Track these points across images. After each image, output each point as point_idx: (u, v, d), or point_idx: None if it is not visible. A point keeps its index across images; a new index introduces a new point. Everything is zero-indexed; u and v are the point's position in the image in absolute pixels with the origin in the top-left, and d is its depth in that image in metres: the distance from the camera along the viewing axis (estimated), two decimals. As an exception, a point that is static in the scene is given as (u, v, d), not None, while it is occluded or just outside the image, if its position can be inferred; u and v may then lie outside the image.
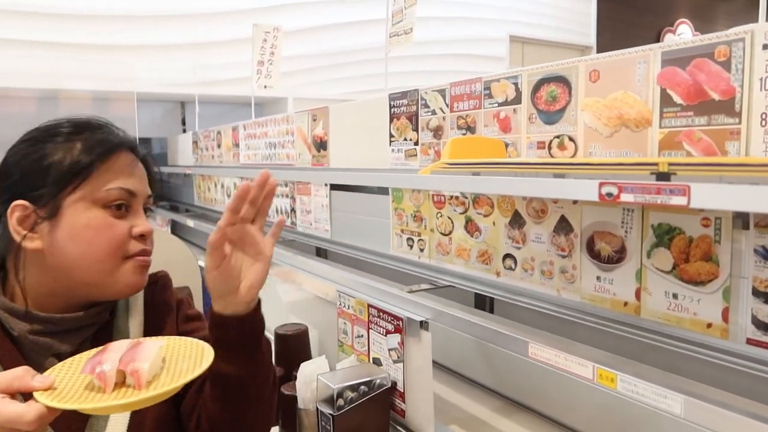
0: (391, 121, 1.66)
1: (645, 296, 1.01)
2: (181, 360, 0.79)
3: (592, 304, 1.11)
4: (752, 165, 0.66)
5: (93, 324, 0.97)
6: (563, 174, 0.86)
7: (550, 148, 1.17)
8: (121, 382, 0.72)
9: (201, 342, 0.84)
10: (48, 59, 3.75)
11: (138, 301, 1.07)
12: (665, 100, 0.94)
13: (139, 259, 0.94)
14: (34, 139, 0.93)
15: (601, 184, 0.77)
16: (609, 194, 0.76)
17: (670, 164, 0.71)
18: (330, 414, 1.14)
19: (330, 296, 1.54)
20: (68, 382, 0.73)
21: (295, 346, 1.55)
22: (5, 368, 0.89)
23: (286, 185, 2.33)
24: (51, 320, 0.91)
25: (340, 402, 1.16)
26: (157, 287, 1.10)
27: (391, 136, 1.66)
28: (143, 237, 0.95)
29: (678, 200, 0.67)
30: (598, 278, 1.09)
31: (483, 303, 1.45)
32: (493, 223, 1.32)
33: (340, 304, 1.44)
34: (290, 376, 1.44)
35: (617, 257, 1.05)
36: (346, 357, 1.43)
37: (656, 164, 0.72)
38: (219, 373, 0.90)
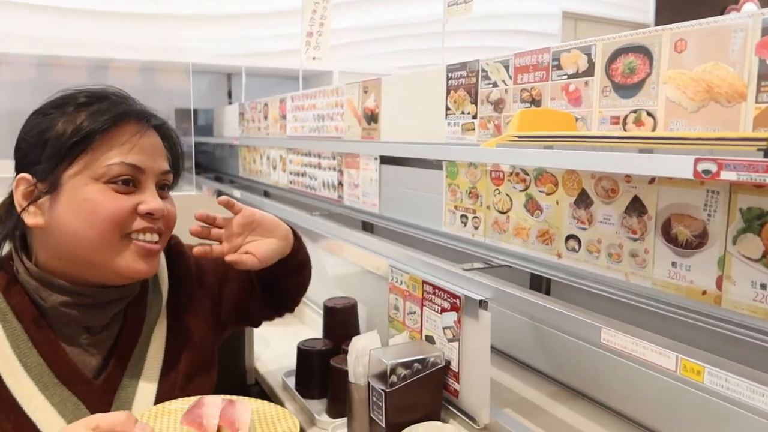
0: (447, 93, 1.60)
1: (727, 285, 0.94)
2: (270, 423, 0.83)
3: (664, 291, 1.05)
4: None
5: (124, 298, 0.95)
6: (650, 149, 0.80)
7: (625, 123, 1.10)
8: None
9: (287, 413, 0.87)
10: (99, 29, 3.76)
11: (163, 275, 1.07)
12: (764, 72, 0.87)
13: (139, 244, 0.89)
14: (44, 111, 0.90)
15: (697, 160, 0.70)
16: (706, 171, 0.69)
17: None
18: (382, 390, 1.11)
19: (381, 271, 1.51)
20: (165, 430, 0.76)
21: (344, 320, 1.52)
22: (35, 344, 0.88)
23: (334, 158, 2.30)
24: (84, 293, 0.89)
25: (393, 378, 1.13)
26: (173, 254, 1.10)
27: (448, 109, 1.60)
28: (151, 216, 0.89)
29: (792, 179, 0.61)
30: (673, 264, 1.03)
31: (539, 285, 1.40)
32: (557, 202, 1.26)
33: (392, 280, 1.41)
34: (338, 349, 1.42)
35: (697, 242, 0.98)
36: (396, 333, 1.39)
37: (765, 140, 0.66)
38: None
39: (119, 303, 0.95)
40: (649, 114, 1.06)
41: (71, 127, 0.86)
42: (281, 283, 1.18)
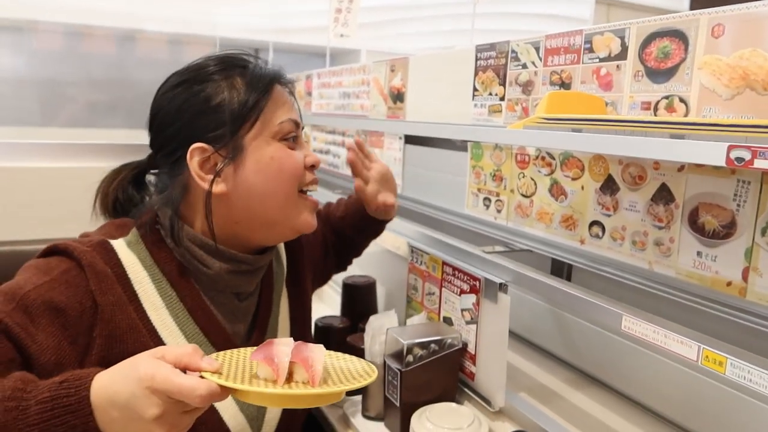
0: (476, 74, 1.58)
1: (754, 277, 0.92)
2: (343, 367, 0.76)
3: (688, 281, 1.03)
4: None
5: (267, 265, 1.01)
6: (681, 135, 0.78)
7: (656, 109, 1.08)
8: (289, 376, 0.70)
9: (363, 360, 0.80)
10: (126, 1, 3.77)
11: (281, 244, 1.14)
12: (804, 60, 0.84)
13: (311, 199, 0.96)
14: (187, 82, 0.90)
15: (730, 147, 0.68)
16: (739, 159, 0.68)
17: None
18: (398, 369, 1.12)
19: (401, 251, 1.51)
20: (233, 368, 0.71)
21: (363, 298, 1.53)
22: (189, 310, 0.89)
23: (359, 136, 2.29)
24: (245, 260, 0.93)
25: (410, 358, 1.13)
26: None
27: (475, 90, 1.58)
28: (314, 168, 0.96)
29: (829, 169, 0.59)
30: (698, 254, 1.01)
31: (560, 270, 1.38)
32: (582, 188, 1.25)
33: (412, 260, 1.41)
34: (355, 328, 1.43)
35: (724, 232, 0.96)
36: (414, 313, 1.39)
37: None
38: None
39: (263, 270, 1.00)
40: (681, 100, 1.03)
41: (238, 93, 0.88)
42: (358, 239, 1.31)
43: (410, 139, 1.93)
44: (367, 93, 2.24)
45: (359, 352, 1.24)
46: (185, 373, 0.64)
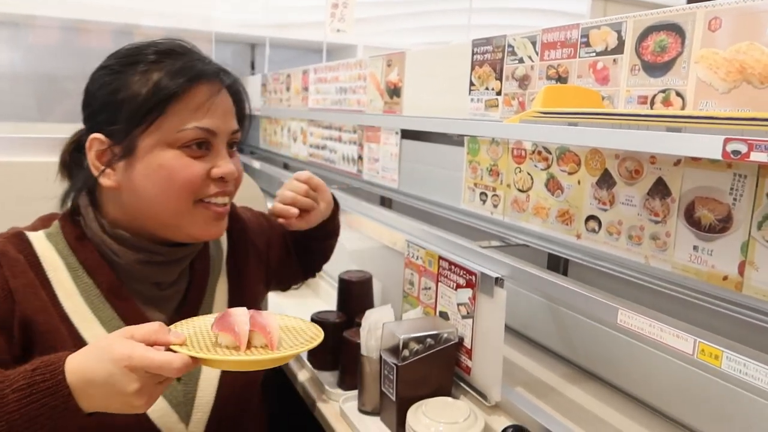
0: (472, 69, 1.58)
1: (750, 271, 0.92)
2: (294, 330, 0.84)
3: (684, 275, 1.03)
4: None
5: (191, 255, 0.98)
6: (678, 128, 0.78)
7: (652, 103, 1.08)
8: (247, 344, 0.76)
9: (311, 323, 0.88)
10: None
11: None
12: (801, 53, 0.84)
13: (212, 209, 0.90)
14: (112, 67, 0.88)
15: (726, 140, 0.68)
16: (735, 152, 0.67)
17: None
18: (394, 363, 1.12)
19: (397, 246, 1.50)
20: (195, 339, 0.76)
21: (359, 293, 1.52)
22: (106, 297, 0.89)
23: (355, 132, 2.29)
24: (158, 251, 0.91)
25: (405, 353, 1.13)
26: (230, 214, 1.10)
27: (472, 84, 1.58)
28: (223, 180, 0.90)
29: (825, 161, 0.59)
30: (695, 248, 1.01)
31: (557, 265, 1.38)
32: (578, 182, 1.24)
33: (409, 255, 1.40)
34: (352, 323, 1.43)
35: (720, 227, 0.96)
36: (410, 308, 1.39)
37: None
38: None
39: (187, 259, 0.98)
40: (678, 94, 1.03)
41: (145, 89, 0.84)
42: (313, 245, 1.26)
43: (407, 134, 1.92)
44: (364, 88, 2.24)
45: (356, 347, 1.24)
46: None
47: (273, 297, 1.86)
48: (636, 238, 1.12)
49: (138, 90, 0.84)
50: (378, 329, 1.19)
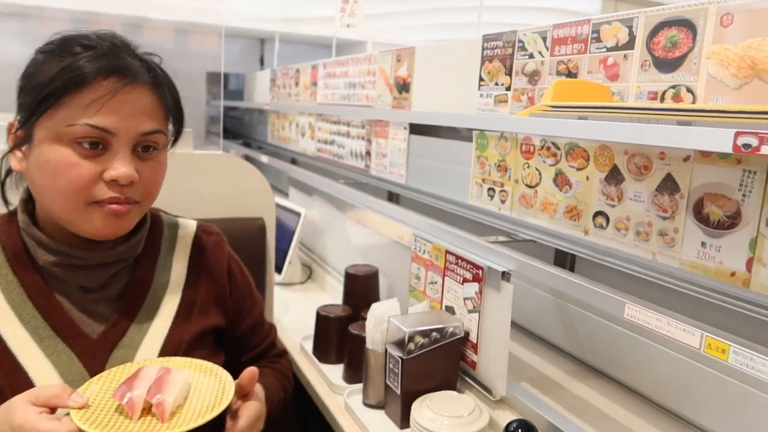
0: (482, 64, 1.58)
1: (758, 267, 0.92)
2: (204, 392, 0.84)
3: (692, 272, 1.02)
4: None
5: (120, 261, 0.92)
6: (689, 122, 0.78)
7: (663, 99, 1.07)
8: (147, 408, 0.78)
9: (225, 375, 0.87)
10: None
11: (185, 241, 1.04)
12: (813, 48, 0.83)
13: (105, 208, 0.83)
14: (41, 52, 0.86)
15: (737, 134, 0.68)
16: (746, 146, 0.67)
17: None
18: (400, 357, 1.12)
19: (404, 240, 1.50)
20: (100, 402, 0.79)
21: (365, 287, 1.53)
22: (30, 297, 0.88)
23: (363, 127, 2.29)
24: (75, 255, 0.87)
25: (411, 346, 1.13)
26: (210, 240, 1.06)
27: (481, 80, 1.57)
28: (118, 183, 0.83)
29: (837, 155, 0.58)
30: (703, 244, 1.00)
31: (563, 261, 1.38)
32: (587, 178, 1.24)
33: (415, 249, 1.40)
34: (357, 316, 1.43)
35: (729, 223, 0.96)
36: (416, 302, 1.39)
37: None
38: None
39: (115, 265, 0.92)
40: (688, 90, 1.02)
41: (48, 76, 0.80)
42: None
43: (415, 129, 1.92)
44: (373, 83, 2.24)
45: (361, 341, 1.24)
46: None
47: (279, 291, 1.87)
48: (644, 234, 1.12)
49: (44, 76, 0.81)
50: (384, 323, 1.20)
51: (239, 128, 4.44)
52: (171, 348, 0.95)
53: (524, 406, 1.13)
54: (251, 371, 0.88)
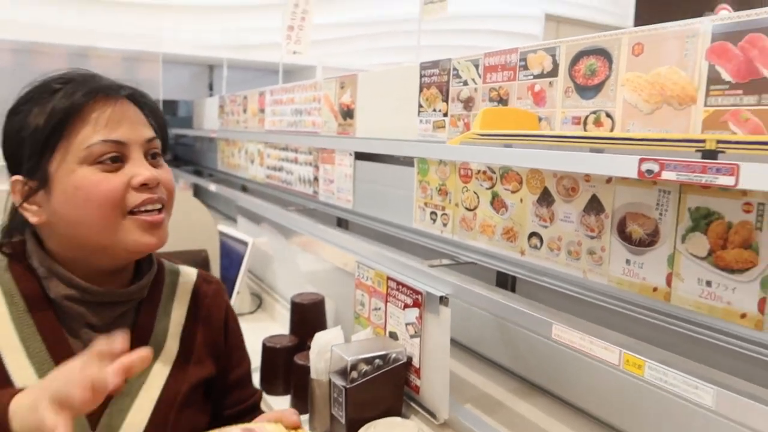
0: (420, 91, 1.62)
1: (676, 282, 0.96)
2: None
3: (619, 288, 1.07)
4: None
5: (128, 301, 0.94)
6: (601, 149, 0.82)
7: (585, 124, 1.12)
8: None
9: None
10: (81, 16, 3.72)
11: (185, 288, 1.05)
12: (713, 77, 0.89)
13: (141, 219, 0.87)
14: (15, 108, 0.88)
15: (641, 161, 0.72)
16: (649, 171, 0.71)
17: (719, 142, 0.66)
18: (343, 386, 1.13)
19: (349, 267, 1.52)
20: None
21: (311, 316, 1.53)
22: (39, 331, 0.87)
23: (310, 153, 2.31)
24: (88, 290, 0.89)
25: (354, 374, 1.14)
26: (210, 288, 1.08)
27: (420, 106, 1.61)
28: (147, 186, 0.87)
29: (725, 180, 0.63)
30: (627, 261, 1.05)
31: (505, 282, 1.41)
32: (521, 200, 1.28)
33: (359, 275, 1.42)
34: (304, 346, 1.43)
35: (649, 240, 1.00)
36: (362, 329, 1.40)
37: (703, 141, 0.68)
38: None
39: (122, 305, 0.93)
40: (608, 115, 1.08)
41: (43, 119, 0.84)
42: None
43: (361, 155, 1.95)
44: (319, 110, 2.26)
45: (306, 371, 1.25)
46: None
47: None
48: (575, 254, 1.16)
49: (36, 122, 0.84)
50: (327, 352, 1.20)
51: (190, 156, 4.40)
52: (167, 399, 0.93)
53: (467, 429, 1.14)
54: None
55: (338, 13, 4.62)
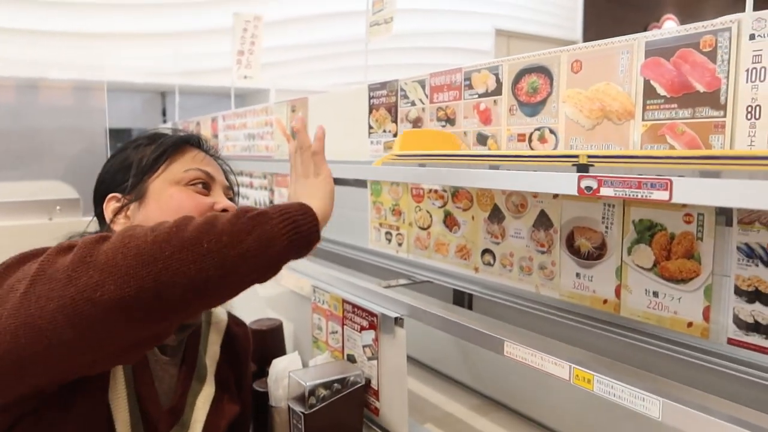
0: (370, 112, 1.62)
1: (625, 294, 0.98)
2: None
3: (570, 302, 1.08)
4: (699, 158, 0.64)
5: (191, 325, 1.02)
6: (497, 166, 0.84)
7: (530, 140, 1.14)
8: None
9: None
10: (28, 47, 3.65)
11: (219, 327, 1.14)
12: (648, 91, 0.91)
13: None
14: (118, 151, 1.04)
15: (580, 178, 0.74)
16: (588, 188, 0.73)
17: (589, 156, 0.74)
18: (301, 412, 1.11)
19: (305, 291, 1.50)
20: None
21: (269, 342, 1.51)
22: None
23: (265, 177, 2.29)
24: None
25: (312, 400, 1.12)
26: (240, 330, 1.19)
27: (370, 127, 1.62)
28: (225, 212, 0.95)
29: (659, 195, 0.64)
30: (577, 275, 1.06)
31: (461, 299, 1.42)
32: (472, 218, 1.29)
33: (315, 299, 1.41)
34: (263, 372, 1.40)
35: (597, 253, 1.02)
36: (320, 353, 1.39)
37: (577, 156, 0.73)
38: None
39: (188, 329, 1.02)
40: (551, 131, 1.09)
41: (151, 149, 1.00)
42: None
43: (314, 178, 1.94)
44: (271, 134, 2.25)
45: (265, 398, 1.22)
46: None
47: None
48: (527, 269, 1.17)
49: (142, 154, 1.00)
50: (285, 378, 1.18)
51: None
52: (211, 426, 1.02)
53: (429, 449, 1.14)
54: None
55: (290, 35, 4.63)
